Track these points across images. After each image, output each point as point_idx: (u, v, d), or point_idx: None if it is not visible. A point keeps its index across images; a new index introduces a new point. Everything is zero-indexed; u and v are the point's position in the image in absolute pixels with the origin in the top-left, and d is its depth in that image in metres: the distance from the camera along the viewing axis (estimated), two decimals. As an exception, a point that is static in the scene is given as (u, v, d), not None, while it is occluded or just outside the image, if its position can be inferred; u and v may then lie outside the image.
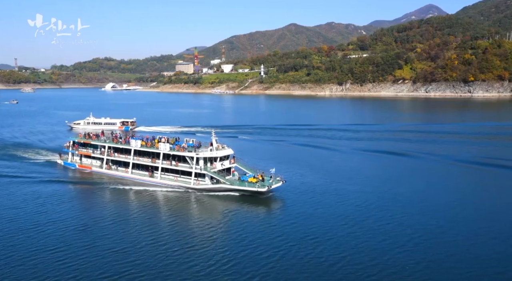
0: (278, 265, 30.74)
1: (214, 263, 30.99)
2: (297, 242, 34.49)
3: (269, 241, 34.85)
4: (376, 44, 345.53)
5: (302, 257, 31.96)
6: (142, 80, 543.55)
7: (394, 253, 32.46)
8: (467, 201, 45.61)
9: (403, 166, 64.28)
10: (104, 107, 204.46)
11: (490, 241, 34.62)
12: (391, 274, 29.33)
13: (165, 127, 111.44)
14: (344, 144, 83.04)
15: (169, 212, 43.73)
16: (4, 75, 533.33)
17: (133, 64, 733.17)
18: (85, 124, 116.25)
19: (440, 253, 32.35)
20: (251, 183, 47.53)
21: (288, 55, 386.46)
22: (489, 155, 68.74)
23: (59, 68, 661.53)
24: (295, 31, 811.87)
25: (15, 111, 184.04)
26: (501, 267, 30.41)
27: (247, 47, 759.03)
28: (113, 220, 40.71)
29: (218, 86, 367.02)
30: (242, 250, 33.21)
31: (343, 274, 29.47)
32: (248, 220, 40.50)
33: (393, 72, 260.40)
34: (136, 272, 29.71)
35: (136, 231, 37.63)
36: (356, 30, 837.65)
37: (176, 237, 36.09)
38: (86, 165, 63.37)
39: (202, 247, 33.77)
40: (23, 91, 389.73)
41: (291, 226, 38.17)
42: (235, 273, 29.58)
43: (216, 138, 51.91)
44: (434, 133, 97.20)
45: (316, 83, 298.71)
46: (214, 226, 39.26)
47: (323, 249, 33.24)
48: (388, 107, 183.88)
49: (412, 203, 44.50)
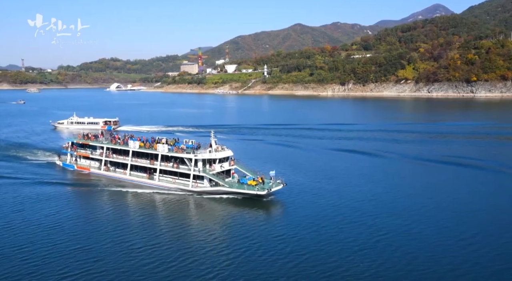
0: (278, 270, 29.75)
1: (210, 269, 29.89)
2: (297, 248, 33.18)
3: (268, 247, 33.64)
4: (380, 44, 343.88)
5: (302, 263, 30.77)
6: (147, 81, 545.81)
7: (403, 260, 30.94)
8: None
9: (411, 169, 62.05)
10: (104, 107, 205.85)
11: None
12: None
13: (148, 127, 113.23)
14: (344, 144, 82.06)
15: (165, 216, 42.39)
16: (11, 75, 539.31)
17: (138, 65, 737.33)
18: (68, 123, 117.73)
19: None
20: (250, 186, 46.30)
21: (291, 55, 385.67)
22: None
23: (66, 69, 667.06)
24: (300, 31, 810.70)
25: (15, 110, 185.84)
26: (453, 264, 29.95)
27: (253, 47, 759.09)
28: (104, 224, 39.43)
29: (221, 87, 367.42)
30: (239, 255, 32.15)
31: (347, 280, 28.42)
32: (247, 225, 39.07)
33: (396, 72, 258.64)
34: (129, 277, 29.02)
35: (128, 236, 36.13)
36: (362, 30, 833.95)
37: (170, 243, 34.66)
38: (84, 166, 62.30)
39: (198, 253, 32.63)
40: (28, 92, 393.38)
41: (291, 231, 36.78)
42: (232, 279, 28.73)
43: (215, 139, 50.54)
44: (428, 133, 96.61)
45: (319, 83, 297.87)
46: (211, 231, 37.69)
47: (324, 255, 31.90)
48: (385, 107, 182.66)
49: (426, 207, 42.64)
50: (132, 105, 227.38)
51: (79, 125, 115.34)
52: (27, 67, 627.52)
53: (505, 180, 53.98)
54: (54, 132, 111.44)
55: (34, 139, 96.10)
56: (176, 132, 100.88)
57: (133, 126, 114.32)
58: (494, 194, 47.51)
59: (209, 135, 51.42)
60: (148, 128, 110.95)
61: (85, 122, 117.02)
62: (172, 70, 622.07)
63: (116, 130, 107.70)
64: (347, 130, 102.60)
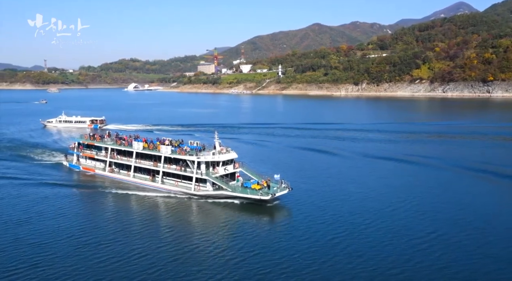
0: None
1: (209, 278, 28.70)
2: (302, 260, 31.09)
3: (270, 256, 31.67)
4: (397, 44, 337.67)
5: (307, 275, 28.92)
6: (165, 81, 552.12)
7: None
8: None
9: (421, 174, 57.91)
10: (113, 106, 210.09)
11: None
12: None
13: (135, 126, 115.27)
14: (352, 146, 78.98)
15: (164, 221, 40.54)
16: (34, 76, 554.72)
17: (157, 65, 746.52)
18: (57, 122, 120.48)
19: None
20: (254, 190, 44.26)
21: (306, 55, 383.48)
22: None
23: (87, 69, 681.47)
24: (318, 31, 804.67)
25: (29, 110, 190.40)
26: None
27: (270, 48, 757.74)
28: (101, 228, 38.04)
29: (236, 86, 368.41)
30: (239, 266, 30.35)
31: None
32: (248, 233, 36.68)
33: (411, 72, 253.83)
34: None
35: (123, 242, 34.76)
36: (381, 29, 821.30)
37: (167, 250, 33.03)
38: (90, 167, 61.44)
39: (195, 262, 30.97)
40: (49, 92, 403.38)
41: (295, 240, 34.76)
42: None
43: (219, 140, 48.68)
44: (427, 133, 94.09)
45: (333, 83, 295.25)
46: (209, 239, 35.65)
47: (329, 265, 30.00)
48: (400, 107, 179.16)
49: (444, 212, 40.54)
50: (143, 105, 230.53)
51: (67, 123, 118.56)
52: (50, 67, 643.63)
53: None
54: (44, 130, 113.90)
55: (45, 138, 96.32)
56: (159, 130, 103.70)
57: (119, 124, 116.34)
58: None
59: (206, 135, 50.70)
60: (135, 126, 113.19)
61: (72, 120, 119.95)
62: (190, 70, 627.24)
63: (102, 128, 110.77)
64: (362, 130, 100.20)
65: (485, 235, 34.84)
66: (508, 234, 35.30)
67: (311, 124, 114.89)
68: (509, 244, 33.07)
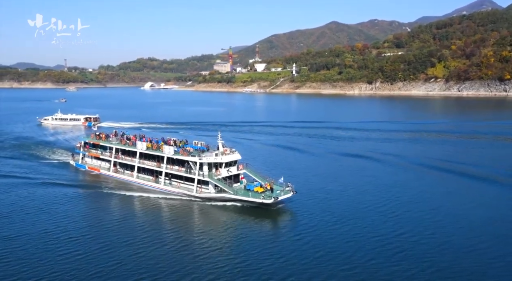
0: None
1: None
2: (303, 267, 29.70)
3: (270, 263, 30.13)
4: (413, 42, 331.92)
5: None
6: (181, 80, 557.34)
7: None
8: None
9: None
10: (127, 105, 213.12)
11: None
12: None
13: (127, 123, 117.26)
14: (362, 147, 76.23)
15: (164, 225, 38.80)
16: (54, 75, 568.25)
17: (174, 64, 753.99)
18: (52, 119, 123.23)
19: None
20: (256, 193, 42.46)
21: (321, 54, 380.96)
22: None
23: (106, 68, 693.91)
24: (335, 29, 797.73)
25: (49, 108, 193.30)
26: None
27: (287, 46, 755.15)
28: (97, 231, 36.76)
29: (250, 85, 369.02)
30: (238, 269, 29.20)
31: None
32: (249, 239, 34.66)
33: (425, 71, 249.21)
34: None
35: (117, 247, 33.17)
36: (400, 27, 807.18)
37: (164, 256, 31.37)
38: (95, 167, 60.41)
39: (193, 269, 29.34)
40: (67, 90, 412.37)
41: (298, 247, 32.63)
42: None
43: (222, 141, 46.99)
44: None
45: (347, 82, 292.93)
46: (209, 243, 33.87)
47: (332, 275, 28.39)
48: (410, 106, 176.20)
49: (465, 221, 38.12)
50: (155, 103, 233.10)
51: (62, 121, 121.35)
52: (70, 67, 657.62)
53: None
54: (40, 128, 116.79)
55: (56, 137, 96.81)
56: (148, 128, 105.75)
57: (112, 122, 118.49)
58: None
59: (212, 135, 49.10)
60: (127, 124, 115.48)
61: (68, 118, 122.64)
62: (206, 69, 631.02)
63: (96, 126, 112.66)
64: (375, 130, 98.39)
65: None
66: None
67: (322, 122, 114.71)
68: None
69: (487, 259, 30.36)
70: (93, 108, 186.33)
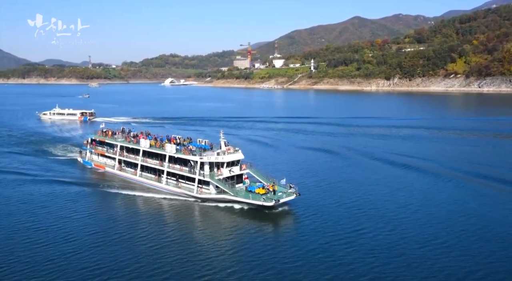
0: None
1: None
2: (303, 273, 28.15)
3: (270, 270, 28.56)
4: (435, 37, 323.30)
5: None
6: (201, 76, 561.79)
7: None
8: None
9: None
10: (143, 101, 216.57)
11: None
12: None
13: (120, 118, 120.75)
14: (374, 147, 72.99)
15: (161, 227, 37.08)
16: (79, 71, 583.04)
17: (196, 60, 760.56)
18: (51, 114, 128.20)
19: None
20: (257, 195, 40.62)
21: (339, 50, 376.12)
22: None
23: (129, 65, 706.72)
24: (358, 24, 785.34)
25: (73, 103, 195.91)
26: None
27: (308, 42, 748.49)
28: (93, 233, 35.56)
29: (267, 81, 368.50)
30: (236, 274, 28.00)
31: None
32: (247, 246, 32.78)
33: (445, 66, 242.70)
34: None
35: (110, 250, 31.98)
36: (425, 21, 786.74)
37: (159, 261, 29.99)
38: (101, 164, 59.71)
39: (188, 274, 28.17)
40: (89, 86, 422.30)
41: (299, 255, 30.66)
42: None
43: (225, 140, 45.39)
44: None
45: (365, 78, 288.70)
46: (204, 248, 32.32)
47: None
48: (423, 103, 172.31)
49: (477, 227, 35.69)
50: (171, 99, 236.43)
51: (60, 116, 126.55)
52: (95, 63, 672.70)
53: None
54: (40, 122, 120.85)
55: (71, 133, 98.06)
56: (141, 123, 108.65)
57: (108, 117, 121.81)
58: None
59: (214, 132, 49.40)
60: (120, 119, 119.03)
61: (65, 113, 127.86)
62: (227, 65, 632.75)
63: (91, 120, 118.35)
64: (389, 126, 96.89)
65: None
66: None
67: (338, 119, 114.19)
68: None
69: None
70: (108, 103, 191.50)
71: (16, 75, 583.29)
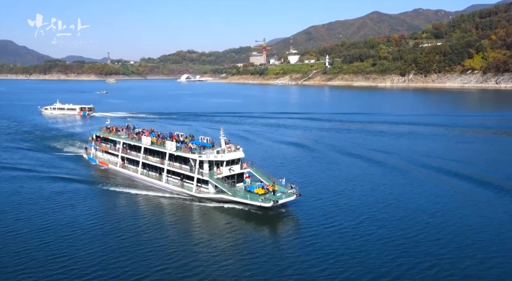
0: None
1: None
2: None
3: (264, 277, 27.16)
4: (454, 32, 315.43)
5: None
6: (217, 72, 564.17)
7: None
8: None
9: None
10: (155, 96, 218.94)
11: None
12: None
13: (119, 113, 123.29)
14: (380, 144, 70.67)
15: (158, 227, 35.77)
16: (98, 67, 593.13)
17: (212, 56, 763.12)
18: (51, 109, 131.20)
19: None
20: (255, 195, 39.10)
21: (355, 45, 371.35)
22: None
23: (147, 61, 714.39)
24: (377, 19, 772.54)
25: (91, 100, 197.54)
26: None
27: (325, 38, 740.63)
28: (88, 234, 34.30)
29: (282, 77, 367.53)
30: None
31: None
32: (244, 250, 31.13)
33: (462, 62, 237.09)
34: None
35: (99, 250, 31.08)
36: (446, 16, 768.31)
37: (152, 265, 28.59)
38: (104, 161, 59.13)
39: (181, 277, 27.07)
40: (107, 82, 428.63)
41: (299, 260, 29.22)
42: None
43: (225, 138, 43.94)
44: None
45: (380, 74, 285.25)
46: (199, 252, 30.74)
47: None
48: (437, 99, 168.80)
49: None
50: (183, 95, 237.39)
51: (60, 110, 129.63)
52: (114, 59, 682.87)
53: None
54: (42, 116, 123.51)
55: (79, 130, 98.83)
56: (139, 118, 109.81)
57: (106, 112, 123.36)
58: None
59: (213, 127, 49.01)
60: (118, 114, 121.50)
61: (65, 108, 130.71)
62: (243, 61, 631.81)
63: (90, 115, 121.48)
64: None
65: None
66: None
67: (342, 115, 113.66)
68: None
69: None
70: (118, 99, 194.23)
71: (38, 71, 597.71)
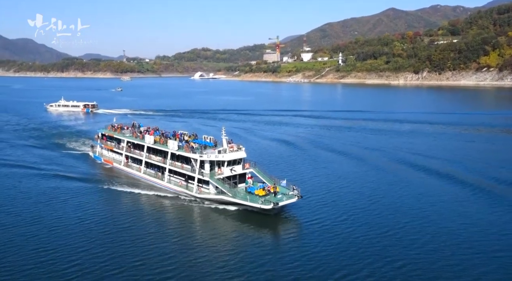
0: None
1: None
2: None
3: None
4: (471, 28, 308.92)
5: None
6: (231, 69, 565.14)
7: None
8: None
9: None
10: (167, 94, 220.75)
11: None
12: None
13: (122, 110, 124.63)
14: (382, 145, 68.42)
15: (156, 229, 35.04)
16: (113, 65, 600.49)
17: (227, 54, 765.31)
18: (56, 106, 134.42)
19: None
20: (256, 197, 37.91)
21: (369, 43, 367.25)
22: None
23: (162, 59, 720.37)
24: (393, 16, 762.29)
25: (104, 97, 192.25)
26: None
27: (340, 35, 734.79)
28: (85, 234, 33.82)
29: (294, 75, 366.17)
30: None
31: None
32: (242, 254, 30.11)
33: (478, 59, 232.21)
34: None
35: (97, 250, 30.68)
36: (465, 12, 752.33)
37: (141, 265, 28.26)
38: (109, 159, 58.96)
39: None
40: (122, 80, 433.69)
41: (299, 262, 28.47)
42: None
43: (227, 137, 43.27)
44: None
45: (394, 71, 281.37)
46: (196, 255, 29.85)
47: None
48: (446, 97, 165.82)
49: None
50: (194, 92, 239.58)
51: (65, 107, 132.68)
52: (129, 57, 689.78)
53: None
54: (47, 113, 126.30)
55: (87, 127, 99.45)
56: (141, 116, 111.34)
57: (109, 109, 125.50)
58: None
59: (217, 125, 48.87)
60: (120, 111, 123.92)
61: (69, 105, 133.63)
62: (257, 58, 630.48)
63: (94, 112, 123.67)
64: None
65: None
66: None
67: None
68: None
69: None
70: (130, 97, 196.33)
71: (56, 69, 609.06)
